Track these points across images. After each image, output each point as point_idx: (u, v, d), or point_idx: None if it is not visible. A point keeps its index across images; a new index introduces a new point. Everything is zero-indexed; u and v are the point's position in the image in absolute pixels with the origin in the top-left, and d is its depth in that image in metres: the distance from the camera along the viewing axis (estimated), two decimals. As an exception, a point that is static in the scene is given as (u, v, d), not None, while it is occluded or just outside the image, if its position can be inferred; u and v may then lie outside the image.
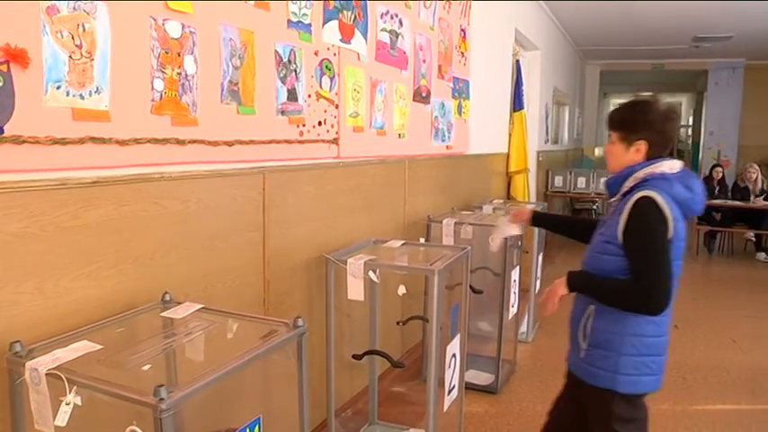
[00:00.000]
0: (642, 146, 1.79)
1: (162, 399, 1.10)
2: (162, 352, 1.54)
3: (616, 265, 1.75)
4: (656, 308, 1.69)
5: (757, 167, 8.02)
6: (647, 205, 1.70)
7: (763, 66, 10.86)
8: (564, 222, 2.49)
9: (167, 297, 1.70)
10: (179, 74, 1.75)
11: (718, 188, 8.01)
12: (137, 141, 1.62)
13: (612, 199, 1.86)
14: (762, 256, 7.65)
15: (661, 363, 1.83)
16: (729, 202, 7.64)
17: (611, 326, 1.78)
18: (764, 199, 7.63)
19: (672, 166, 1.78)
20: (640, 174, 1.78)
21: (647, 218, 1.70)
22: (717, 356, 4.06)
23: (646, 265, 1.70)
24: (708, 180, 8.15)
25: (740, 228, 7.81)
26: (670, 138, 1.84)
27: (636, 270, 1.72)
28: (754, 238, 7.85)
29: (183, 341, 1.57)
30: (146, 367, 1.34)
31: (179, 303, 1.68)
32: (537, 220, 2.49)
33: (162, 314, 1.62)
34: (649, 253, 1.70)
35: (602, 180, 1.77)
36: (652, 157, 1.80)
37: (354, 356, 2.48)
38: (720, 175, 8.13)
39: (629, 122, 1.81)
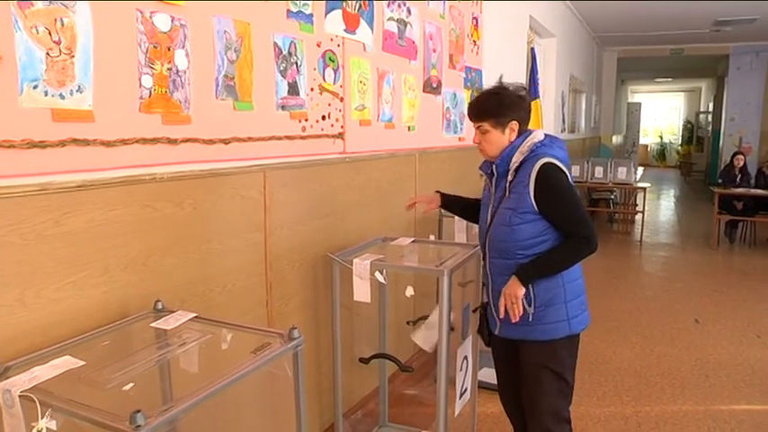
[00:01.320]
0: (515, 125, 1.96)
1: (138, 426, 1.01)
2: (155, 364, 1.45)
3: (529, 230, 1.93)
4: (596, 245, 1.92)
5: (781, 155, 7.75)
6: (551, 170, 1.89)
7: (787, 49, 10.55)
8: (469, 206, 2.33)
9: (159, 305, 1.61)
10: (169, 69, 1.65)
11: (740, 176, 7.75)
12: (124, 142, 1.52)
13: (507, 179, 1.99)
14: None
15: (585, 299, 2.08)
16: (752, 191, 7.39)
17: (551, 283, 1.96)
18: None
19: (540, 134, 2.00)
20: (524, 148, 1.95)
21: (557, 180, 1.90)
22: (741, 353, 3.90)
23: (577, 218, 1.91)
24: (729, 168, 7.91)
25: (763, 217, 7.57)
26: (529, 111, 2.04)
27: (568, 225, 1.91)
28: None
29: (177, 352, 1.49)
30: (127, 387, 1.25)
31: (171, 312, 1.59)
32: (446, 203, 2.41)
33: (152, 324, 1.53)
34: (574, 206, 1.92)
35: (486, 166, 1.66)
36: (522, 132, 1.99)
37: (361, 360, 2.38)
38: (742, 162, 7.85)
39: (497, 109, 1.96)
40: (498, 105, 1.95)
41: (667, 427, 2.90)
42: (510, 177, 1.96)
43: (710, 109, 15.65)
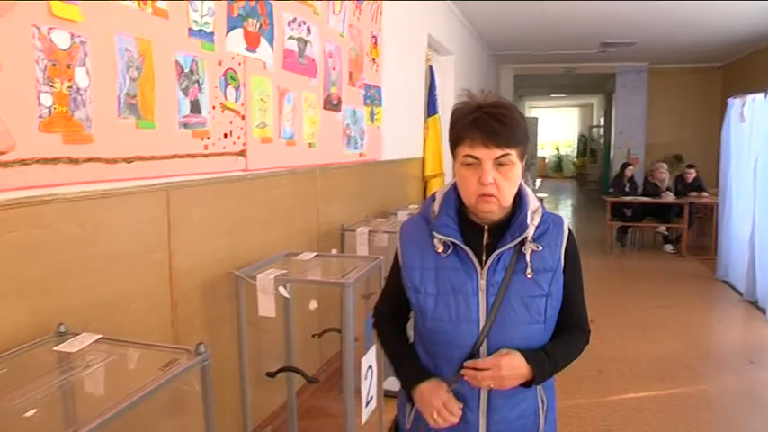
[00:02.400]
0: (523, 162, 1.43)
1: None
2: (58, 388, 1.47)
3: (542, 331, 1.44)
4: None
5: (665, 166, 8.61)
6: (573, 235, 1.49)
7: (664, 69, 11.65)
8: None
9: (62, 328, 1.64)
10: (70, 88, 1.69)
11: (628, 185, 8.54)
12: (23, 162, 1.56)
13: (508, 245, 1.40)
14: (668, 247, 8.26)
15: None
16: (639, 199, 8.16)
17: (551, 387, 1.56)
18: (676, 194, 8.25)
19: None
20: (534, 199, 1.48)
21: (578, 252, 1.50)
22: (629, 347, 4.34)
23: (584, 303, 1.53)
24: (619, 178, 8.70)
25: (650, 222, 8.37)
26: None
27: (577, 311, 1.51)
28: (666, 232, 8.41)
29: (81, 374, 1.51)
30: (29, 413, 1.29)
31: (75, 335, 1.62)
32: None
33: (55, 348, 1.56)
34: (582, 291, 1.53)
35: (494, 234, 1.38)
36: None
37: (268, 374, 2.48)
38: (631, 173, 8.68)
39: (526, 133, 1.40)
40: (525, 128, 1.39)
41: (564, 420, 3.18)
42: (531, 247, 1.41)
43: (602, 123, 16.85)
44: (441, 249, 1.44)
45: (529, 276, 1.41)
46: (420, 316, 1.48)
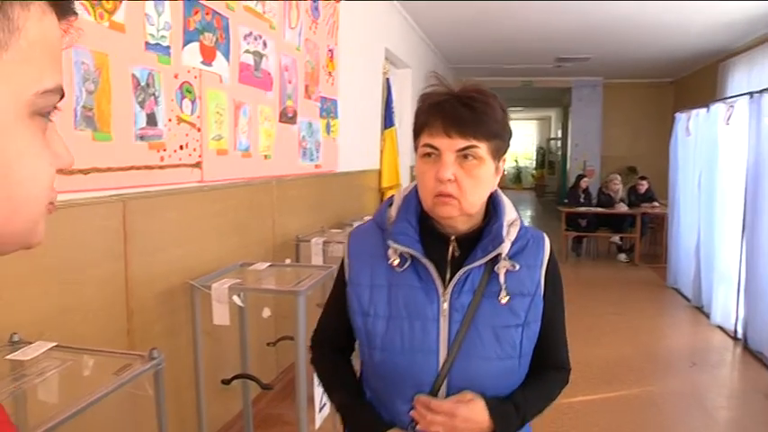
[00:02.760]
0: (503, 163, 1.24)
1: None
2: (9, 395, 1.49)
3: (516, 369, 1.23)
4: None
5: (619, 178, 8.97)
6: (555, 254, 1.30)
7: (619, 84, 12.06)
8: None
9: (15, 338, 1.69)
10: (28, 102, 1.76)
11: (583, 196, 8.84)
12: (-18, 173, 1.62)
13: (479, 261, 1.18)
14: (622, 257, 8.58)
15: None
16: (593, 209, 8.47)
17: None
18: (629, 205, 8.60)
19: None
20: (511, 210, 1.26)
21: (560, 274, 1.30)
22: (582, 353, 4.52)
23: (565, 337, 1.34)
24: (575, 189, 8.99)
25: (604, 232, 8.67)
26: None
27: (556, 346, 1.31)
28: (620, 242, 8.74)
29: (34, 381, 1.54)
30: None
31: (29, 343, 1.67)
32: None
33: (7, 357, 1.61)
34: (564, 322, 1.33)
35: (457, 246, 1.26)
36: None
37: (223, 381, 2.55)
38: (586, 184, 9.00)
39: (504, 126, 1.19)
40: (504, 121, 1.18)
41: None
42: (506, 265, 1.19)
43: (559, 135, 17.29)
44: (396, 262, 1.19)
45: (503, 301, 1.18)
46: (367, 345, 1.22)
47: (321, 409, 2.58)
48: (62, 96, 0.52)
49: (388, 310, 1.20)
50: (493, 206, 1.25)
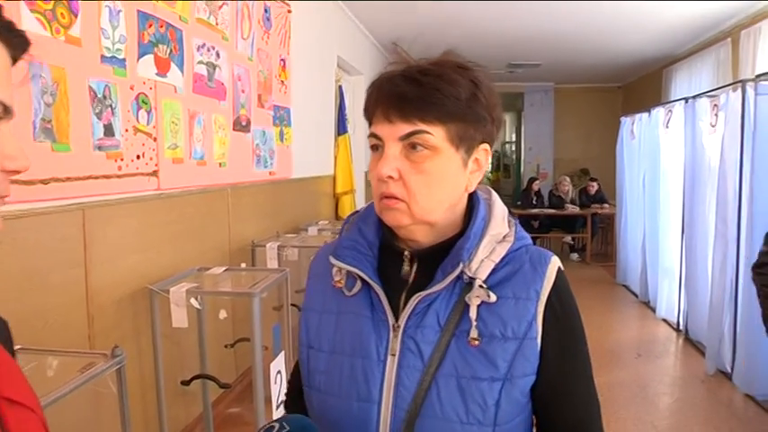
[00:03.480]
0: (485, 155, 0.99)
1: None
2: None
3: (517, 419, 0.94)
4: None
5: (568, 180, 9.33)
6: (566, 282, 0.98)
7: (569, 89, 12.49)
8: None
9: (-21, 340, 1.79)
10: (-10, 116, 1.86)
11: (536, 198, 9.19)
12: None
13: (438, 286, 0.93)
14: (574, 256, 8.94)
15: None
16: (546, 211, 8.79)
17: None
18: (580, 206, 8.97)
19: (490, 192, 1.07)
20: (500, 223, 1.00)
21: (575, 307, 0.98)
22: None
23: (593, 394, 1.00)
24: (527, 191, 9.33)
25: (557, 233, 9.01)
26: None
27: (576, 410, 0.98)
28: (572, 242, 9.08)
29: None
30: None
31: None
32: None
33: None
34: (589, 369, 1.00)
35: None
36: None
37: (183, 382, 2.67)
38: (537, 187, 9.37)
39: (471, 103, 0.94)
40: (473, 99, 0.93)
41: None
42: (480, 294, 0.92)
43: (514, 139, 17.71)
44: (340, 283, 1.01)
45: (473, 344, 0.91)
46: (307, 383, 1.03)
47: (278, 407, 2.72)
48: (6, 109, 0.64)
49: (333, 344, 1.00)
50: (471, 214, 0.99)
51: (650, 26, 7.03)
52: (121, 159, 2.50)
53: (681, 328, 5.32)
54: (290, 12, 4.44)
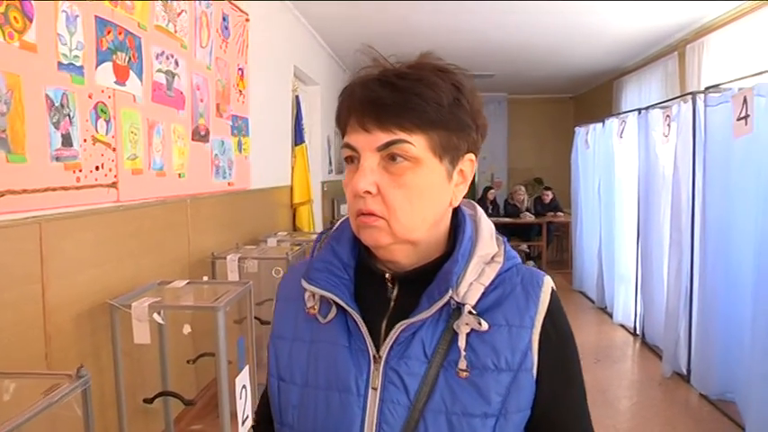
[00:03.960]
0: (470, 165, 0.93)
1: None
2: None
3: None
4: None
5: (523, 189, 9.52)
6: (560, 306, 0.92)
7: (523, 99, 12.73)
8: None
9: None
10: (-57, 125, 1.80)
11: (491, 207, 9.33)
12: None
13: (424, 314, 0.86)
14: (531, 264, 9.03)
15: None
16: (501, 219, 8.92)
17: None
18: (535, 215, 9.18)
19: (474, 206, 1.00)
20: (488, 241, 0.93)
21: (571, 333, 0.93)
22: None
23: (586, 423, 0.96)
24: (482, 201, 9.48)
25: (513, 241, 9.16)
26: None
27: None
28: (528, 249, 9.24)
29: None
30: None
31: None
32: None
33: None
34: (585, 400, 0.95)
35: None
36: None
37: (145, 400, 2.60)
38: (493, 196, 9.53)
39: (454, 110, 0.88)
40: (456, 105, 0.88)
41: None
42: (470, 322, 0.85)
43: (467, 149, 17.97)
44: (313, 309, 0.93)
45: (462, 375, 0.84)
46: (279, 419, 0.96)
47: (244, 422, 2.68)
48: None
49: (305, 376, 0.92)
50: (457, 231, 0.93)
51: (600, 40, 7.23)
52: (80, 170, 2.43)
53: (638, 332, 5.47)
54: (247, 20, 4.40)
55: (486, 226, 0.95)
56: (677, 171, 4.43)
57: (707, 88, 4.15)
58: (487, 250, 0.91)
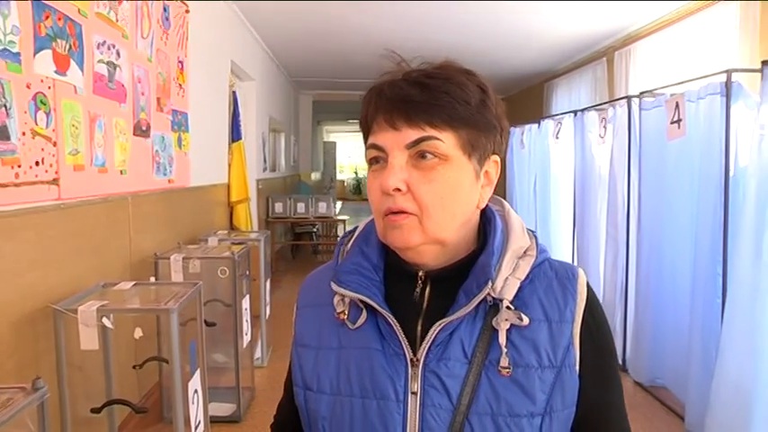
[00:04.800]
0: (495, 166, 0.91)
1: None
2: None
3: None
4: None
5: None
6: (598, 299, 0.91)
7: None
8: None
9: None
10: None
11: None
12: None
13: (462, 311, 0.82)
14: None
15: None
16: None
17: None
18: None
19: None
20: (515, 230, 0.91)
21: (610, 330, 0.91)
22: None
23: (624, 415, 0.91)
24: None
25: None
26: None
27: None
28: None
29: None
30: None
31: None
32: None
33: None
34: (624, 407, 0.91)
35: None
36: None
37: (93, 410, 2.43)
38: None
39: (482, 110, 0.86)
40: (483, 104, 0.86)
41: None
42: (509, 317, 0.83)
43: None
44: (344, 314, 0.88)
45: (505, 374, 0.81)
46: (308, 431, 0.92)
47: (196, 428, 2.56)
48: None
49: (336, 385, 0.88)
50: (485, 227, 0.91)
51: (531, 43, 7.38)
52: (19, 166, 2.24)
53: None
54: (187, 12, 4.23)
55: (517, 220, 0.93)
56: (613, 170, 4.56)
57: (642, 93, 4.28)
58: (520, 243, 0.89)
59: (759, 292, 2.87)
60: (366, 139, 0.88)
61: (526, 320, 0.82)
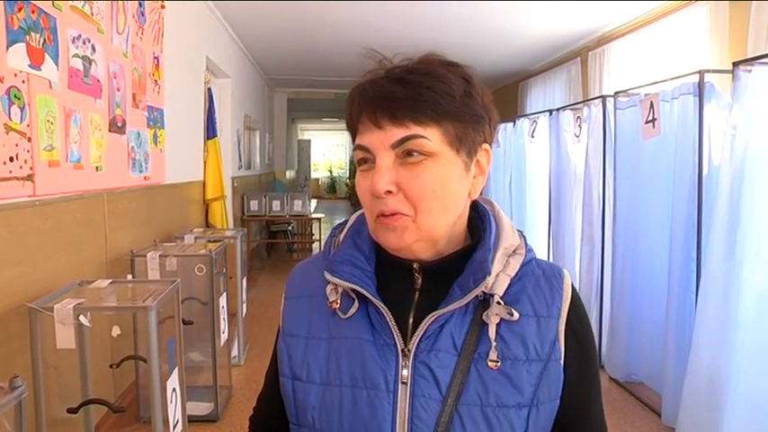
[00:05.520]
0: (485, 156, 0.90)
1: None
2: None
3: None
4: None
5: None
6: (580, 299, 0.93)
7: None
8: None
9: None
10: None
11: None
12: None
13: (456, 303, 0.84)
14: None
15: None
16: None
17: None
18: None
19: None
20: (506, 228, 0.92)
21: (591, 329, 0.94)
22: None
23: (605, 429, 0.94)
24: None
25: None
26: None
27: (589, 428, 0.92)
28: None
29: None
30: None
31: None
32: None
33: None
34: (601, 400, 0.94)
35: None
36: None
37: (69, 410, 2.39)
38: None
39: (468, 102, 0.84)
40: (467, 96, 0.84)
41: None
42: (499, 312, 0.84)
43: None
44: (336, 303, 0.89)
45: (493, 367, 0.83)
46: (296, 421, 0.91)
47: (174, 426, 2.53)
48: None
49: (326, 374, 0.87)
50: (478, 223, 0.93)
51: (507, 43, 7.44)
52: (-7, 161, 2.20)
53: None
54: (163, 7, 4.18)
55: (506, 219, 0.94)
56: (589, 169, 4.60)
57: (616, 92, 4.33)
58: (511, 242, 0.91)
59: (731, 288, 2.92)
60: (354, 139, 0.88)
61: (516, 315, 0.84)
